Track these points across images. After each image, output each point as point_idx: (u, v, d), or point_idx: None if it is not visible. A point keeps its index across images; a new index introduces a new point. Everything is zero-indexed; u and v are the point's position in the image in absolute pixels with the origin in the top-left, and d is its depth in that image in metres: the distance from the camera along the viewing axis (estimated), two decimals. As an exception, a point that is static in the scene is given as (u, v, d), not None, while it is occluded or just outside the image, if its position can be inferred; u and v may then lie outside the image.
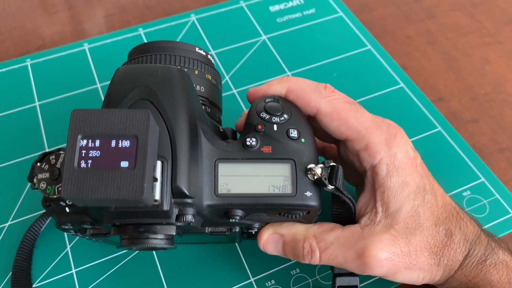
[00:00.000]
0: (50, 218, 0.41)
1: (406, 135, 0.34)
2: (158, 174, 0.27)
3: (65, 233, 0.41)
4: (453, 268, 0.32)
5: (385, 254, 0.31)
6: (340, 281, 0.34)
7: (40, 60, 0.53)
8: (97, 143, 0.24)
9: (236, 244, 0.40)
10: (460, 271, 0.32)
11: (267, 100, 0.33)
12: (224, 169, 0.30)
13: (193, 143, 0.29)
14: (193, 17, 0.57)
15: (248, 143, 0.31)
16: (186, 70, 0.35)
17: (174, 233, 0.29)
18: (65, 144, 0.45)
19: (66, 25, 0.58)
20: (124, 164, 0.24)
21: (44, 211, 0.41)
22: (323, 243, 0.32)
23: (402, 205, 0.32)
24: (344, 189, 0.31)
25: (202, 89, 0.35)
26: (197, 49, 0.37)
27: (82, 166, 0.24)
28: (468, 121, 0.49)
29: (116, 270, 0.39)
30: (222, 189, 0.30)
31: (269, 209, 0.31)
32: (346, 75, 0.52)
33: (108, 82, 0.51)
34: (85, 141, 0.24)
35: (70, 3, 0.60)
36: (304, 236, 0.33)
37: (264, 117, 0.32)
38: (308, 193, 0.30)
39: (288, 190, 0.30)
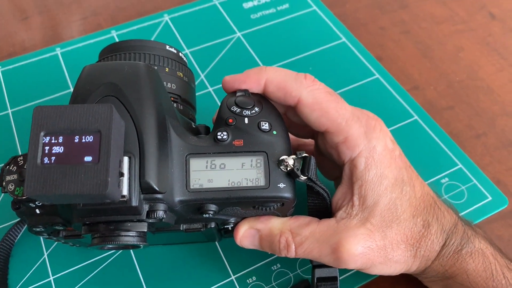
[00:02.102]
0: (25, 226, 0.40)
1: (385, 126, 0.34)
2: (125, 169, 0.26)
3: (42, 241, 0.40)
4: (430, 258, 0.32)
5: (360, 249, 0.30)
6: (319, 272, 0.34)
7: (11, 66, 0.52)
8: (60, 139, 0.24)
9: (216, 242, 0.40)
10: (437, 261, 0.32)
11: (238, 94, 0.33)
12: (196, 164, 0.30)
13: (162, 139, 0.29)
14: (166, 17, 0.57)
15: (219, 137, 0.30)
16: (156, 67, 0.34)
17: (146, 230, 0.29)
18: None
19: (37, 31, 0.57)
20: (88, 159, 0.24)
21: (19, 219, 0.41)
22: (299, 238, 0.32)
23: (379, 198, 0.31)
24: (317, 179, 0.31)
25: (174, 86, 0.35)
26: (167, 47, 0.36)
27: (45, 163, 0.24)
28: (444, 109, 0.49)
29: (94, 275, 0.38)
30: (194, 184, 0.30)
31: (243, 202, 0.31)
32: (322, 68, 0.52)
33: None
34: (48, 138, 0.24)
35: (40, 9, 0.59)
36: (280, 230, 0.32)
37: (235, 111, 0.32)
38: (281, 185, 0.30)
39: (262, 182, 0.30)
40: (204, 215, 0.30)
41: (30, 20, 0.58)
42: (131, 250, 0.40)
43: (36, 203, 0.30)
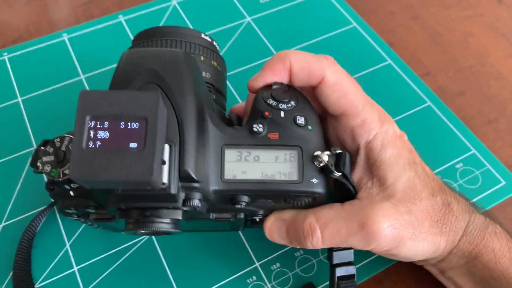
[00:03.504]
0: (45, 217, 0.40)
1: None
2: (166, 157, 0.26)
3: (63, 231, 0.40)
4: (456, 235, 0.32)
5: (388, 221, 0.30)
6: (340, 271, 0.34)
7: (18, 53, 0.51)
8: (106, 124, 0.24)
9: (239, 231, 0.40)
10: (464, 238, 0.33)
11: (274, 87, 0.32)
12: (231, 154, 0.30)
13: (200, 128, 0.29)
14: (174, 1, 0.56)
15: (255, 129, 0.30)
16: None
17: (180, 218, 0.29)
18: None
19: (41, 16, 0.55)
20: (133, 145, 0.24)
21: (40, 209, 0.40)
22: (323, 220, 0.31)
23: (399, 176, 0.32)
24: (350, 175, 0.31)
25: (208, 76, 0.34)
26: (202, 35, 0.36)
27: (90, 147, 0.24)
28: (455, 95, 0.50)
29: (119, 264, 0.38)
30: (229, 174, 0.30)
31: (275, 195, 0.31)
32: (334, 54, 0.50)
33: (93, 73, 0.50)
34: (93, 122, 0.24)
35: (44, -8, 0.57)
36: (304, 216, 0.32)
37: (271, 104, 0.31)
38: (315, 180, 0.30)
39: (295, 176, 0.30)
40: (236, 205, 0.31)
41: (33, 4, 0.56)
42: (154, 238, 0.40)
43: (71, 185, 0.30)
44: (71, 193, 0.30)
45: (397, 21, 0.56)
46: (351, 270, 0.34)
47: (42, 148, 0.30)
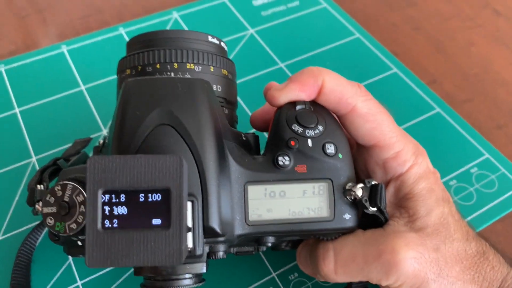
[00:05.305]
0: (45, 229, 0.38)
1: None
2: (189, 221, 0.24)
3: (65, 244, 0.37)
4: (491, 287, 0.29)
5: (411, 253, 0.27)
6: None
7: (15, 65, 0.49)
8: (122, 198, 0.21)
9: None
10: None
11: (297, 107, 0.29)
12: (254, 192, 0.27)
13: (222, 171, 0.26)
14: (175, 14, 0.55)
15: (280, 162, 0.28)
16: (201, 67, 0.30)
17: (205, 271, 0.27)
18: (54, 151, 0.42)
19: (38, 28, 0.54)
20: (156, 221, 0.21)
21: (38, 222, 0.38)
22: (340, 242, 0.29)
23: (431, 210, 0.29)
24: (386, 210, 0.29)
25: (219, 89, 0.31)
26: (209, 38, 0.32)
27: (107, 226, 0.21)
28: (463, 101, 0.49)
29: (127, 277, 0.36)
30: (253, 215, 0.27)
31: (304, 234, 0.29)
32: (339, 64, 0.51)
33: (94, 84, 0.49)
34: (107, 196, 0.21)
35: (39, 6, 0.56)
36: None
37: (297, 131, 0.28)
38: (347, 216, 0.28)
39: (325, 212, 0.28)
40: (261, 246, 0.29)
41: (30, 17, 0.55)
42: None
43: (79, 237, 0.26)
44: (79, 243, 0.27)
45: (399, 32, 0.56)
46: None
47: (39, 188, 0.28)
